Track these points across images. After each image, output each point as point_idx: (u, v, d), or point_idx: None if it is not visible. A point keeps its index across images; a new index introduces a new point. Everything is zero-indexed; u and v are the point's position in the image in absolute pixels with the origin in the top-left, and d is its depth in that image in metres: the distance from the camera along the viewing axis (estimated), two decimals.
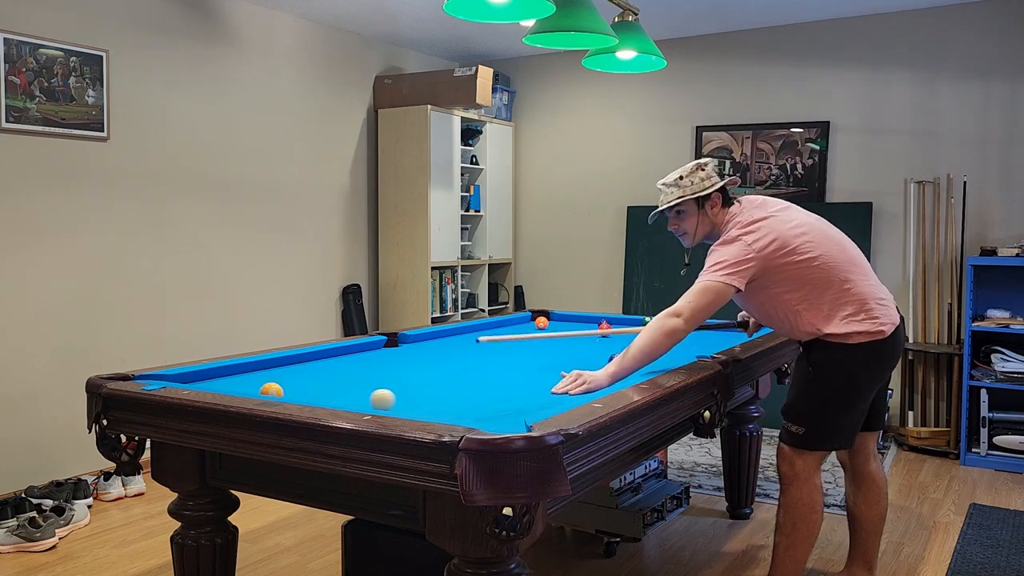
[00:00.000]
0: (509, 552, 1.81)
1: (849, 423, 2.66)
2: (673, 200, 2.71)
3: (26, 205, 3.86)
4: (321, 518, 3.70)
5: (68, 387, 4.04)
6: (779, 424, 2.75)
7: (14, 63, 3.75)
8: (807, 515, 2.64)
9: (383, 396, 2.09)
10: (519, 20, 3.02)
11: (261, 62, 4.96)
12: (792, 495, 2.65)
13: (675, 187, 2.71)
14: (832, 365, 2.60)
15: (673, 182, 2.72)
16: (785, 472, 2.68)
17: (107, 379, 2.32)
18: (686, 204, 2.71)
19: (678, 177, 2.71)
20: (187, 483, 2.36)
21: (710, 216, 2.70)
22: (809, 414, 2.63)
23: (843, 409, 2.63)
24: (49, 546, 3.35)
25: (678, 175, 2.72)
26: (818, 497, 2.66)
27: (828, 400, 2.61)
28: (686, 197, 2.69)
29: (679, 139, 5.87)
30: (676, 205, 2.72)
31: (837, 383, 2.61)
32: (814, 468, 2.66)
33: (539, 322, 3.94)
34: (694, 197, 2.68)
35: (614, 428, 1.98)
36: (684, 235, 2.77)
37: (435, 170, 5.55)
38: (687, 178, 2.70)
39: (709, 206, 2.69)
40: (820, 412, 2.62)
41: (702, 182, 2.68)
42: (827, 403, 2.62)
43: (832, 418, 2.62)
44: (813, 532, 2.66)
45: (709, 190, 2.68)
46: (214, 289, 4.73)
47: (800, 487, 2.64)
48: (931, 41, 5.05)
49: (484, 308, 6.18)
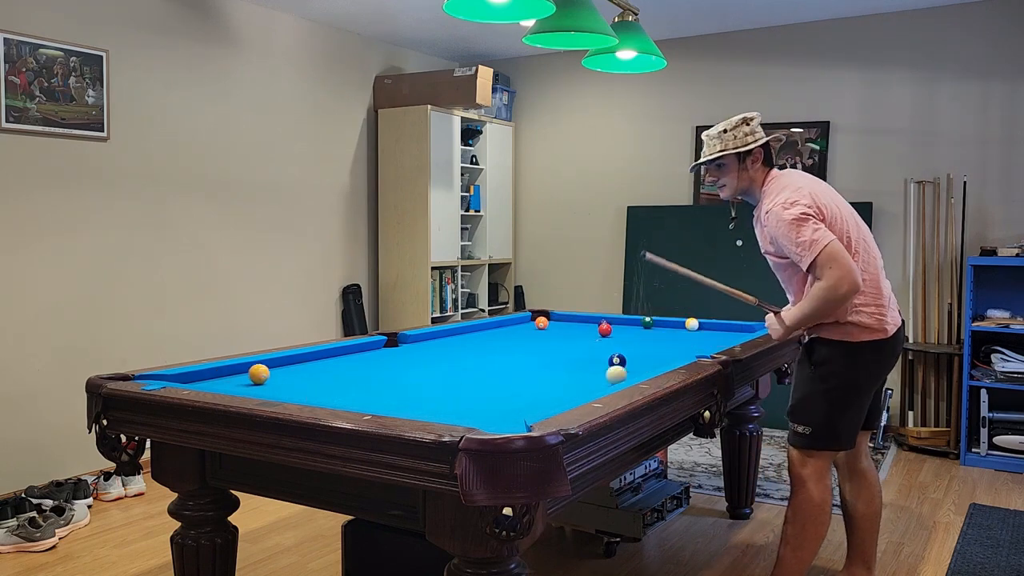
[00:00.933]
0: (509, 552, 1.81)
1: (852, 422, 2.66)
2: (715, 153, 2.71)
3: (26, 205, 3.86)
4: (321, 518, 3.70)
5: (68, 387, 4.04)
6: (778, 424, 2.76)
7: (14, 63, 3.75)
8: (816, 517, 2.65)
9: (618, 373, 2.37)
10: (519, 20, 3.02)
11: (261, 62, 4.96)
12: (802, 497, 2.66)
13: (717, 140, 2.71)
14: (834, 364, 2.61)
15: (716, 135, 2.72)
16: (797, 473, 2.69)
17: (107, 379, 2.32)
18: (727, 158, 2.71)
19: (722, 130, 2.71)
20: (187, 483, 2.36)
21: (750, 172, 2.70)
22: (814, 414, 2.64)
23: (846, 408, 2.63)
24: (49, 546, 3.35)
25: (722, 128, 2.71)
26: (828, 499, 2.67)
27: (833, 399, 2.62)
28: (728, 151, 2.68)
29: (679, 139, 5.87)
30: (717, 159, 2.72)
31: (840, 382, 2.61)
32: (824, 469, 2.67)
33: (539, 322, 3.94)
34: (735, 152, 2.68)
35: (614, 428, 1.98)
36: (723, 187, 2.77)
37: (435, 170, 5.55)
38: (731, 132, 2.69)
39: (750, 162, 2.69)
40: (826, 411, 2.63)
41: (745, 137, 2.67)
42: (832, 402, 2.62)
43: (838, 417, 2.63)
44: (821, 534, 2.67)
45: (751, 146, 2.67)
46: (214, 289, 4.73)
47: (811, 489, 2.65)
48: (931, 41, 5.05)
49: (484, 308, 6.19)
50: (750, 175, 2.70)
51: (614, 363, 2.66)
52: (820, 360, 2.64)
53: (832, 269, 2.46)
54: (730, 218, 3.01)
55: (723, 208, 5.62)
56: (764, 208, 2.64)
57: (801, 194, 2.56)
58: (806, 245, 2.49)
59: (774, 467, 4.48)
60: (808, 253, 2.49)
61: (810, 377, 2.67)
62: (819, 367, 2.64)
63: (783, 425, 5.25)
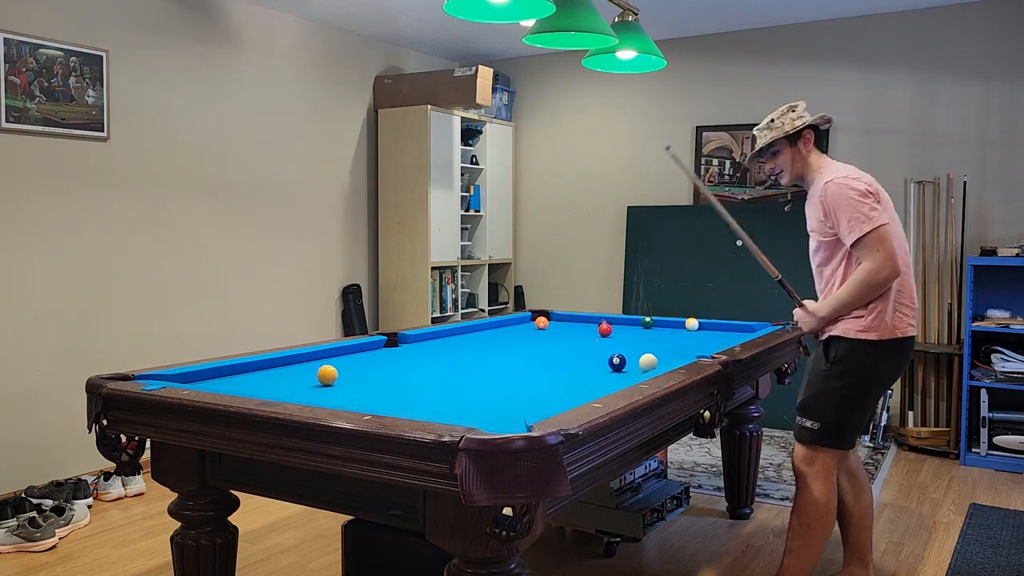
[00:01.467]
0: (509, 552, 1.81)
1: (859, 421, 2.70)
2: (767, 140, 2.81)
3: (26, 205, 3.86)
4: (321, 518, 3.70)
5: (68, 387, 4.04)
6: (778, 424, 2.77)
7: (14, 63, 3.75)
8: (822, 516, 2.67)
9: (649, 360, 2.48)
10: (519, 20, 3.02)
11: (261, 62, 4.96)
12: (808, 496, 2.69)
13: (767, 129, 2.82)
14: (852, 363, 2.64)
15: (766, 125, 2.83)
16: (803, 471, 2.71)
17: (107, 379, 2.32)
18: (778, 143, 2.80)
19: (770, 120, 2.82)
20: (187, 483, 2.36)
21: (803, 153, 2.79)
22: (826, 410, 2.67)
23: (856, 407, 2.67)
24: (49, 546, 3.35)
25: (770, 118, 2.82)
26: (834, 498, 2.69)
27: (847, 397, 2.66)
28: (778, 136, 2.78)
29: (679, 139, 5.86)
30: (770, 146, 2.82)
31: (855, 380, 2.65)
32: (831, 468, 2.69)
33: (539, 322, 3.94)
34: (785, 135, 2.77)
35: (614, 428, 1.98)
36: (780, 173, 2.87)
37: (435, 170, 5.55)
38: (778, 119, 2.80)
39: (802, 143, 2.79)
40: (838, 409, 2.66)
41: (792, 122, 2.77)
42: (845, 400, 2.66)
43: (847, 415, 2.67)
44: (827, 532, 2.69)
45: (799, 127, 2.76)
46: (214, 289, 4.73)
47: (817, 488, 2.68)
48: (931, 41, 5.05)
49: (484, 308, 6.19)
50: (804, 157, 2.80)
51: (614, 363, 2.67)
52: (838, 358, 2.67)
53: (879, 252, 2.55)
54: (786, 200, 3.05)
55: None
56: (824, 180, 2.69)
57: (864, 175, 2.69)
58: (861, 219, 2.57)
59: (774, 467, 4.48)
60: (859, 228, 2.57)
61: (825, 374, 2.69)
62: (836, 364, 2.67)
63: (783, 425, 5.25)
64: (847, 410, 2.67)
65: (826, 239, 2.72)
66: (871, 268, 2.56)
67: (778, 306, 5.38)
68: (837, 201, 2.62)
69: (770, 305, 5.39)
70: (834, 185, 2.64)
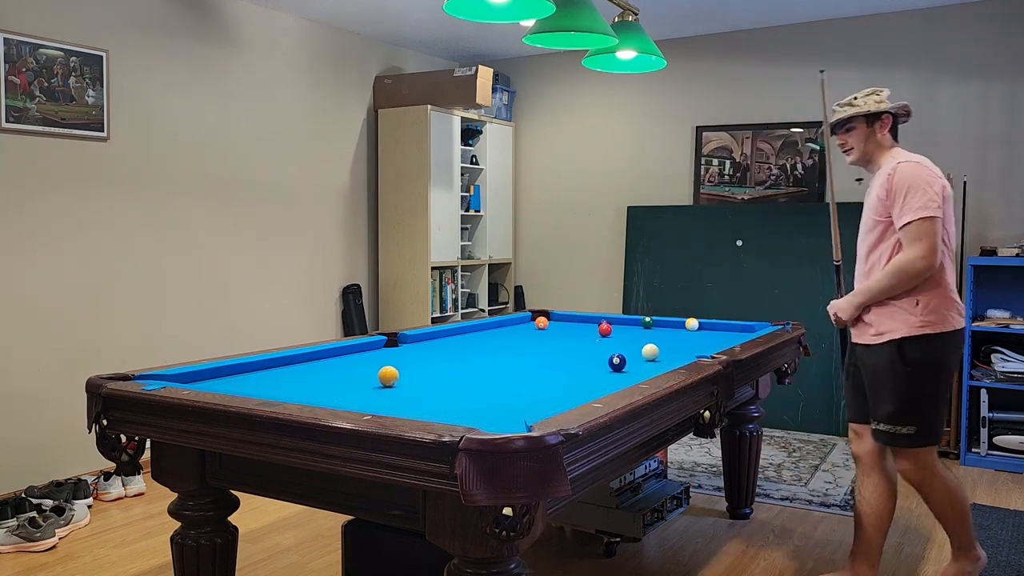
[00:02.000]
0: (509, 552, 1.81)
1: (944, 412, 2.80)
2: (846, 115, 2.85)
3: (26, 205, 3.86)
4: (321, 518, 3.70)
5: (68, 387, 4.04)
6: (778, 424, 2.78)
7: (14, 63, 3.75)
8: (958, 501, 2.80)
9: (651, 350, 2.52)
10: (519, 20, 3.02)
11: (261, 62, 4.96)
12: (935, 492, 2.78)
13: (848, 106, 2.87)
14: (929, 358, 2.71)
15: (847, 101, 2.87)
16: (918, 477, 2.78)
17: (107, 379, 2.32)
18: (856, 120, 2.85)
19: (853, 97, 2.87)
20: (187, 483, 2.36)
21: (877, 137, 2.84)
22: (921, 412, 2.72)
23: (943, 399, 2.76)
24: (49, 546, 3.35)
25: (853, 96, 2.87)
26: (951, 476, 2.81)
27: (937, 394, 2.73)
28: (858, 113, 2.82)
29: (679, 139, 5.87)
30: (847, 122, 2.87)
31: (936, 375, 2.73)
32: (936, 459, 2.78)
33: (539, 322, 3.94)
34: (865, 114, 2.82)
35: (614, 428, 1.98)
36: (850, 150, 2.89)
37: (435, 170, 5.55)
38: (861, 99, 2.85)
39: (879, 126, 2.83)
40: (930, 407, 2.72)
41: (876, 104, 2.82)
42: (937, 397, 2.74)
43: (940, 410, 2.76)
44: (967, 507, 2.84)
45: (881, 109, 2.82)
46: (214, 289, 4.73)
47: (939, 482, 2.77)
48: (931, 41, 5.05)
49: (484, 308, 6.19)
50: (878, 140, 2.84)
51: (614, 363, 2.67)
52: (916, 359, 2.70)
53: (920, 242, 2.63)
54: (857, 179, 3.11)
55: (723, 209, 5.62)
56: (897, 160, 2.74)
57: (935, 168, 2.75)
58: (918, 206, 2.62)
59: (774, 467, 4.48)
60: (912, 213, 2.63)
61: (908, 377, 2.71)
62: (917, 366, 2.71)
63: (783, 425, 5.25)
64: (939, 406, 2.75)
65: (881, 220, 2.75)
66: (909, 257, 2.64)
67: (778, 306, 5.39)
68: (904, 182, 2.67)
69: (770, 305, 5.39)
70: (907, 166, 2.70)
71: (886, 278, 2.69)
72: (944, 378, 2.74)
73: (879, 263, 2.77)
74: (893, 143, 2.86)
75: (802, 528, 3.60)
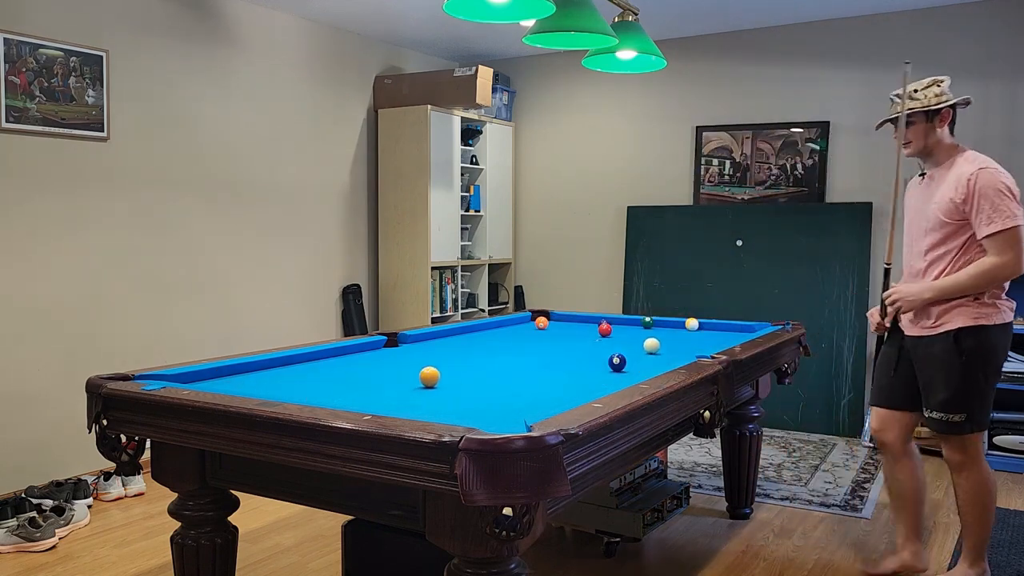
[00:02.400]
0: (509, 552, 1.81)
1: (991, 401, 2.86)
2: (906, 111, 2.86)
3: (26, 205, 3.86)
4: (321, 518, 3.70)
5: (68, 387, 4.04)
6: (778, 424, 2.78)
7: (14, 63, 3.75)
8: (992, 490, 2.86)
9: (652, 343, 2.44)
10: (519, 20, 3.02)
11: (261, 62, 4.96)
12: (976, 477, 2.83)
13: (908, 99, 2.87)
14: (983, 349, 2.76)
15: (907, 94, 2.88)
16: (961, 460, 2.84)
17: (107, 379, 2.32)
18: (916, 115, 2.85)
19: (912, 90, 2.87)
20: (187, 483, 2.36)
21: (936, 132, 2.84)
22: (973, 400, 2.78)
23: (992, 388, 2.82)
24: (49, 546, 3.35)
25: (913, 88, 2.87)
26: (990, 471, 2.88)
27: (984, 384, 2.79)
28: (916, 109, 2.83)
29: (679, 139, 5.87)
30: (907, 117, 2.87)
31: (988, 365, 2.78)
32: (981, 448, 2.85)
33: (539, 322, 3.94)
34: (923, 110, 2.83)
35: (614, 428, 1.98)
36: (908, 144, 2.91)
37: (435, 170, 5.55)
38: (921, 92, 2.86)
39: (938, 121, 2.84)
40: (983, 396, 2.79)
41: (936, 98, 2.82)
42: (988, 386, 2.81)
43: (989, 398, 2.81)
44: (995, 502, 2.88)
45: (940, 106, 2.82)
46: (214, 289, 4.74)
47: (981, 466, 2.83)
48: (931, 41, 5.05)
49: (484, 308, 6.19)
50: (937, 135, 2.85)
51: (614, 363, 2.67)
52: (973, 349, 2.76)
53: (1012, 251, 2.66)
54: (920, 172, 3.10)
55: (723, 209, 5.62)
56: (976, 165, 2.73)
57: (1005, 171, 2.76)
58: (1005, 214, 2.64)
59: (774, 467, 4.48)
60: (1000, 222, 2.65)
61: (962, 367, 2.77)
62: (972, 356, 2.76)
63: (783, 425, 5.25)
64: (989, 394, 2.81)
65: (951, 221, 2.76)
66: (999, 263, 2.66)
67: (778, 306, 5.39)
68: (986, 189, 2.68)
69: (770, 305, 5.39)
70: (988, 173, 2.70)
71: (969, 280, 2.71)
72: (995, 368, 2.80)
73: (940, 262, 2.81)
74: (951, 137, 2.87)
75: (802, 528, 3.60)
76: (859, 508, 3.84)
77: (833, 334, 5.20)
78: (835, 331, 5.20)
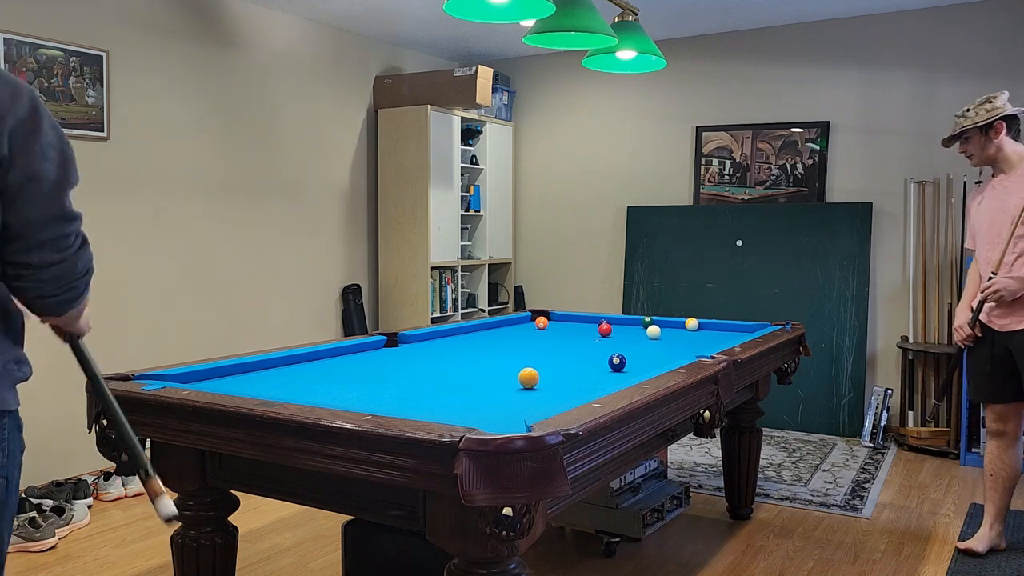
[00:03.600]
0: (509, 552, 1.81)
1: None
2: (958, 129, 3.19)
3: None
4: (321, 518, 3.70)
5: (68, 387, 4.04)
6: (778, 424, 2.81)
7: (14, 63, 3.75)
8: None
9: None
10: (519, 20, 3.02)
11: (261, 62, 4.96)
12: None
13: (962, 118, 3.19)
14: None
15: (962, 113, 3.19)
16: None
17: (107, 379, 2.31)
18: (970, 132, 3.17)
19: (965, 109, 3.19)
20: (187, 483, 2.36)
21: (994, 142, 3.15)
22: None
23: None
24: (49, 546, 3.35)
25: (966, 108, 3.19)
26: None
27: None
28: (969, 127, 3.15)
29: (679, 139, 5.87)
30: (962, 134, 3.20)
31: None
32: None
33: (539, 322, 3.94)
34: (976, 126, 3.14)
35: (614, 428, 1.98)
36: (971, 156, 3.22)
37: (435, 170, 5.55)
38: (972, 110, 3.17)
39: (993, 133, 3.14)
40: None
41: (987, 113, 3.12)
42: None
43: None
44: None
45: (992, 119, 3.11)
46: (214, 289, 4.73)
47: None
48: (931, 41, 5.05)
49: (484, 308, 6.19)
50: (996, 145, 3.15)
51: (614, 363, 2.67)
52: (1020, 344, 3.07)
53: None
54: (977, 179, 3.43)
55: (723, 209, 5.62)
56: None
57: None
58: None
59: (774, 467, 4.48)
60: None
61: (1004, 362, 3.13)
62: None
63: (783, 425, 5.25)
64: None
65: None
66: None
67: (778, 306, 5.39)
68: None
69: (770, 305, 5.39)
70: None
71: None
72: None
73: None
74: (1013, 143, 3.15)
75: (802, 528, 3.60)
76: (859, 508, 3.84)
77: (833, 334, 5.21)
78: (835, 331, 5.20)
